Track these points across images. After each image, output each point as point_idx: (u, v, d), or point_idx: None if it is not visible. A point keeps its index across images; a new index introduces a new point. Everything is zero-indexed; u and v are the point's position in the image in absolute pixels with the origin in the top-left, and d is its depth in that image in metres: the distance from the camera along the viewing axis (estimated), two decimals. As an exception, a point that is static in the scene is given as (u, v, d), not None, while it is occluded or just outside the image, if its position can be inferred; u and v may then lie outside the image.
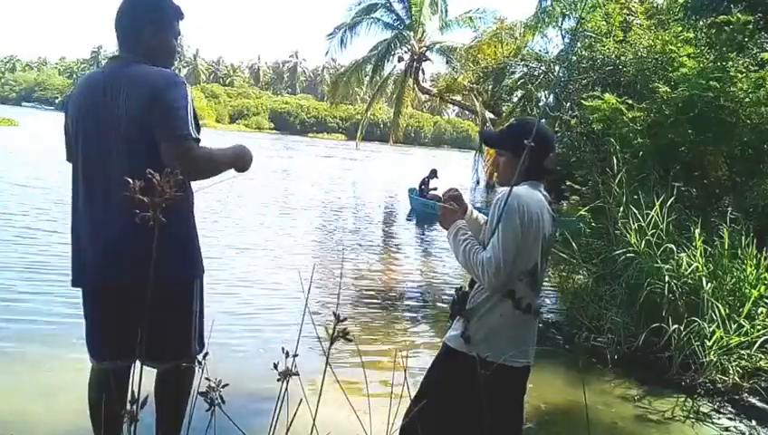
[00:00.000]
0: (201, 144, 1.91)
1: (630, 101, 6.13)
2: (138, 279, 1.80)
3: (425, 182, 14.51)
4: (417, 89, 21.11)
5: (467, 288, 1.94)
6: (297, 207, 13.24)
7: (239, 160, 2.06)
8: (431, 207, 13.59)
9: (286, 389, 1.15)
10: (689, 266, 4.40)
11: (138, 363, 1.17)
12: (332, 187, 19.39)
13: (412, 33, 20.05)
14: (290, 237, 9.35)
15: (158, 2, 2.03)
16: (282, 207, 12.84)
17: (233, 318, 4.70)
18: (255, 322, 4.76)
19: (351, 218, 12.63)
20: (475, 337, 1.86)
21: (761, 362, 4.03)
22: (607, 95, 6.27)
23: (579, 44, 9.49)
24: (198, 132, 1.91)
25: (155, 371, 2.00)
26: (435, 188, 14.22)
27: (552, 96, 11.54)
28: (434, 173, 14.65)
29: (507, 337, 1.87)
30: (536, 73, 11.51)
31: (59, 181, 10.48)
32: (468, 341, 1.87)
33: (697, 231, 4.57)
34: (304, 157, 35.73)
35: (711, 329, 4.02)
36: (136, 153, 1.85)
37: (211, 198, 10.30)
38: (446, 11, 20.55)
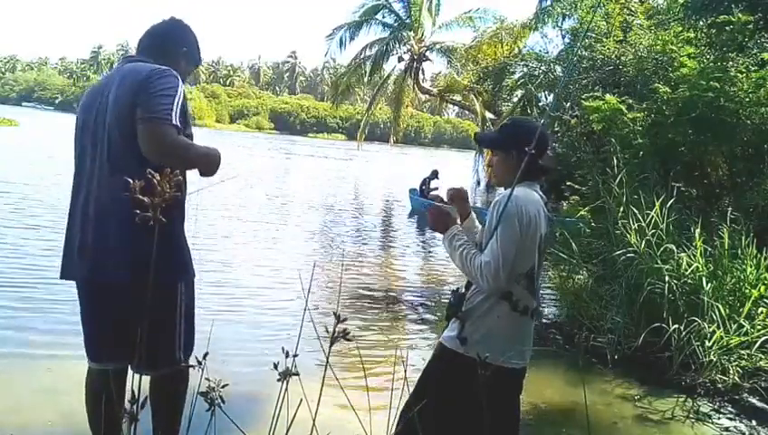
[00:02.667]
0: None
1: (631, 102, 6.13)
2: (121, 279, 1.81)
3: (425, 182, 14.52)
4: (416, 89, 21.08)
5: (464, 289, 1.94)
6: (297, 207, 13.24)
7: (207, 161, 2.01)
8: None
9: (286, 389, 1.15)
10: (689, 266, 4.40)
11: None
12: (332, 187, 19.39)
13: (412, 34, 20.03)
14: (290, 238, 9.35)
15: (183, 28, 2.21)
16: (281, 208, 12.84)
17: (233, 318, 4.70)
18: (255, 322, 4.76)
19: (352, 219, 12.63)
20: (472, 339, 1.86)
21: (761, 363, 4.03)
22: (607, 96, 6.27)
23: (579, 45, 9.50)
24: (186, 129, 1.91)
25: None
26: (436, 189, 14.18)
27: (552, 96, 11.55)
28: (435, 174, 14.65)
29: (504, 339, 1.87)
30: (536, 73, 11.51)
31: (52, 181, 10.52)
32: (464, 342, 1.87)
33: (697, 231, 4.57)
34: (304, 157, 35.72)
35: (711, 329, 4.02)
36: (116, 145, 1.87)
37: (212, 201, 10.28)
38: (439, 11, 20.54)
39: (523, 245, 1.81)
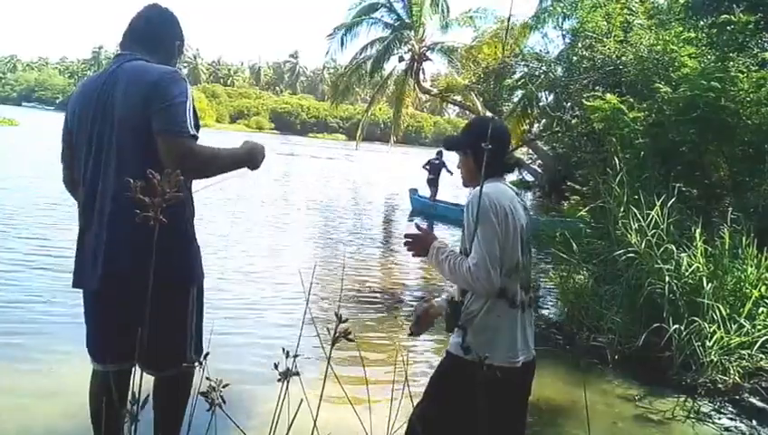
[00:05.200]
0: (201, 142, 1.89)
1: (632, 101, 6.13)
2: (133, 282, 1.80)
3: (441, 164, 14.21)
4: (417, 89, 21.07)
5: (459, 297, 1.91)
6: (297, 207, 13.24)
7: (251, 158, 2.05)
8: (432, 208, 13.57)
9: (287, 389, 1.15)
10: (690, 267, 4.40)
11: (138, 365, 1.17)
12: (333, 187, 19.40)
13: (412, 33, 20.02)
14: (290, 238, 9.35)
15: (179, 25, 2.16)
16: (281, 208, 12.83)
17: (233, 319, 4.70)
18: (256, 322, 4.76)
19: (352, 219, 12.63)
20: (475, 344, 1.84)
21: (761, 362, 4.03)
22: (608, 95, 6.27)
23: (579, 44, 9.50)
24: (197, 131, 1.89)
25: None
26: (449, 172, 13.90)
27: (552, 96, 11.55)
28: (440, 154, 14.39)
29: (507, 337, 1.87)
30: (536, 73, 11.50)
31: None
32: (468, 351, 1.85)
33: (698, 231, 4.57)
34: (304, 157, 35.72)
35: (711, 329, 4.02)
36: (125, 149, 1.85)
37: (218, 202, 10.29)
38: (448, 10, 20.48)
39: (506, 238, 1.81)
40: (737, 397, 3.86)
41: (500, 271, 1.79)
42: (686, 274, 4.37)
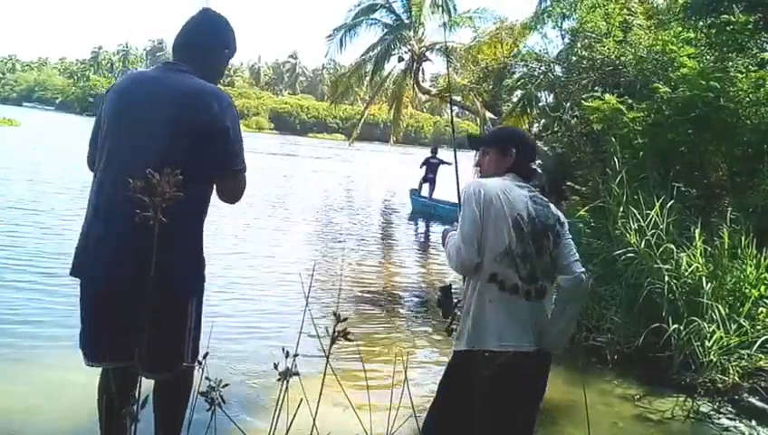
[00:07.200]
0: None
1: (630, 102, 6.13)
2: (138, 286, 1.79)
3: (439, 162, 14.67)
4: (416, 89, 21.04)
5: (458, 285, 1.99)
6: (297, 208, 13.23)
7: None
8: (432, 208, 13.56)
9: (286, 389, 1.15)
10: (689, 266, 4.40)
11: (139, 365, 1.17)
12: (332, 188, 19.39)
13: (412, 33, 20.01)
14: (289, 239, 9.35)
15: (231, 33, 2.19)
16: (281, 208, 12.83)
17: (233, 319, 4.70)
18: (256, 322, 4.77)
19: (352, 220, 12.62)
20: (467, 328, 1.88)
21: (761, 362, 4.03)
22: (607, 95, 6.27)
23: (579, 44, 9.50)
24: None
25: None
26: (448, 163, 14.19)
27: (551, 96, 11.54)
28: (434, 152, 15.20)
29: (499, 322, 1.85)
30: (536, 73, 11.49)
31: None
32: (460, 336, 1.90)
33: (697, 231, 4.57)
34: (303, 157, 35.72)
35: (711, 329, 4.02)
36: (162, 164, 1.82)
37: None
38: (455, 9, 20.41)
39: (486, 222, 1.86)
40: (736, 397, 3.86)
41: (478, 251, 1.86)
42: (686, 273, 4.38)
